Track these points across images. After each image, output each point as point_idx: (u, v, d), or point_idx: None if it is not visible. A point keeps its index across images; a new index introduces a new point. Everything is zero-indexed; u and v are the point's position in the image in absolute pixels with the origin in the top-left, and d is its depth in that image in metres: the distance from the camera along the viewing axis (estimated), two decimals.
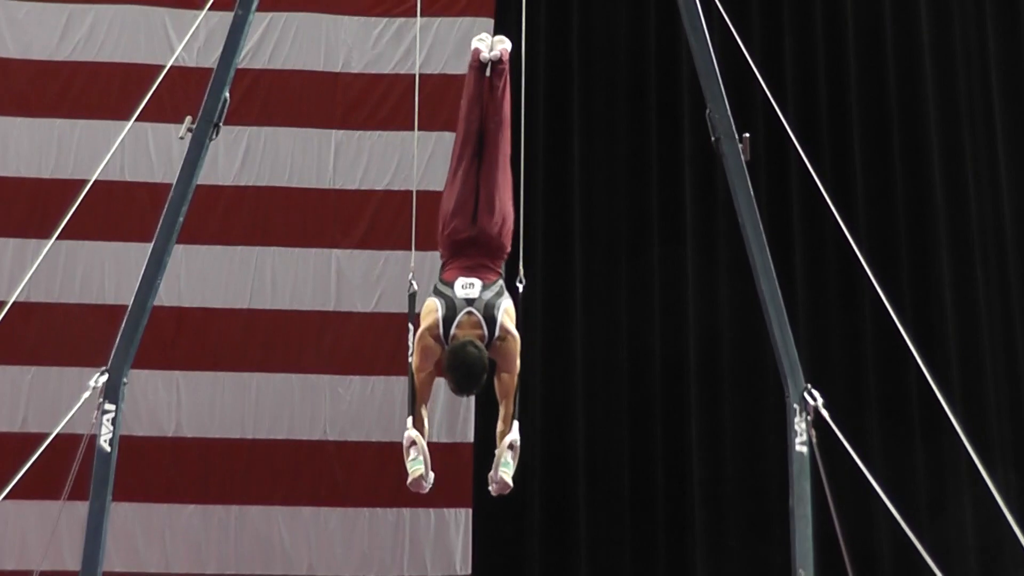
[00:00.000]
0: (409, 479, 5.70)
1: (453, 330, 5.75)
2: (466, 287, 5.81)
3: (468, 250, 5.95)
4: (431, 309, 5.83)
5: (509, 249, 6.06)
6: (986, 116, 10.06)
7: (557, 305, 9.62)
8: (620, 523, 9.43)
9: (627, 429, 9.56)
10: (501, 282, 5.95)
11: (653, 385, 9.62)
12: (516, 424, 5.79)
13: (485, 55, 6.05)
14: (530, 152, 8.63)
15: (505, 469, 5.73)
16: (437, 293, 5.86)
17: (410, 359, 5.85)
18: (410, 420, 5.77)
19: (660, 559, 9.41)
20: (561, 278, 9.70)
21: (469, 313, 5.76)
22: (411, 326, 5.94)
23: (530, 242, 8.37)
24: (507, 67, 6.13)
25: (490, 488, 5.83)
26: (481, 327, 5.75)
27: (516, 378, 5.83)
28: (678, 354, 9.62)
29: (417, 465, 5.67)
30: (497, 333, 5.77)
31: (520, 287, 6.21)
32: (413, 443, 5.70)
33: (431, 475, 5.74)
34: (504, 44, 6.13)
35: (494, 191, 6.03)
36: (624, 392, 9.61)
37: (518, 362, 5.85)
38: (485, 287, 5.83)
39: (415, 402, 5.84)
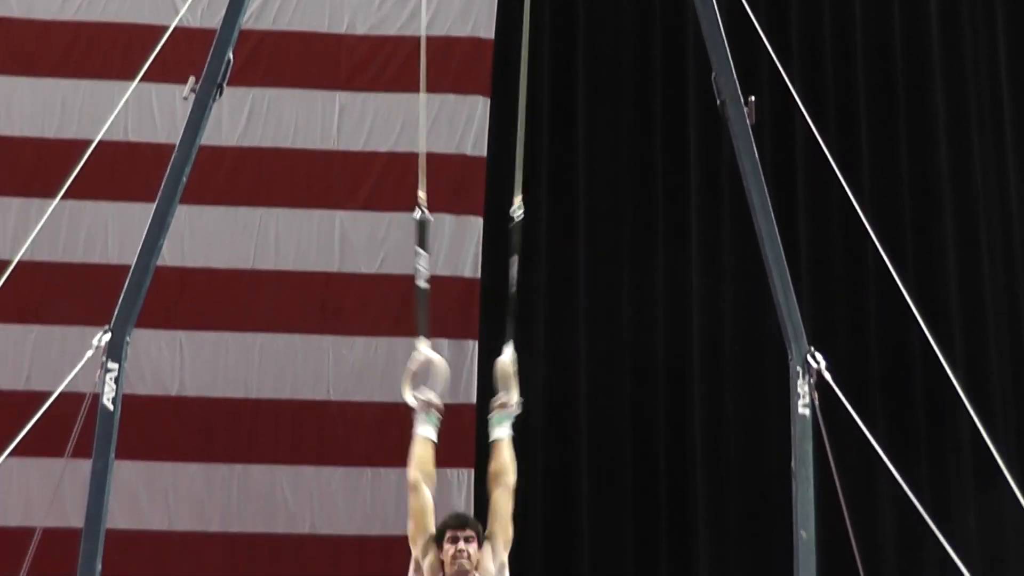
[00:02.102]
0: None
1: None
2: None
3: None
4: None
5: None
6: (992, 81, 10.04)
7: (561, 266, 9.62)
8: (621, 482, 9.45)
9: (629, 393, 9.58)
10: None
11: (656, 351, 9.62)
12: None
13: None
14: (534, 112, 8.63)
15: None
16: None
17: (423, 284, 6.03)
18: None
19: (661, 515, 9.45)
20: (565, 240, 9.69)
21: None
22: (418, 249, 6.02)
23: (533, 204, 8.31)
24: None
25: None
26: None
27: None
28: (682, 318, 9.62)
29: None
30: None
31: (518, 216, 6.21)
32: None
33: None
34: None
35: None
36: (627, 356, 9.60)
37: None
38: None
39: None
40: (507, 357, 6.04)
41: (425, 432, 6.01)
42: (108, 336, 6.04)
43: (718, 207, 9.74)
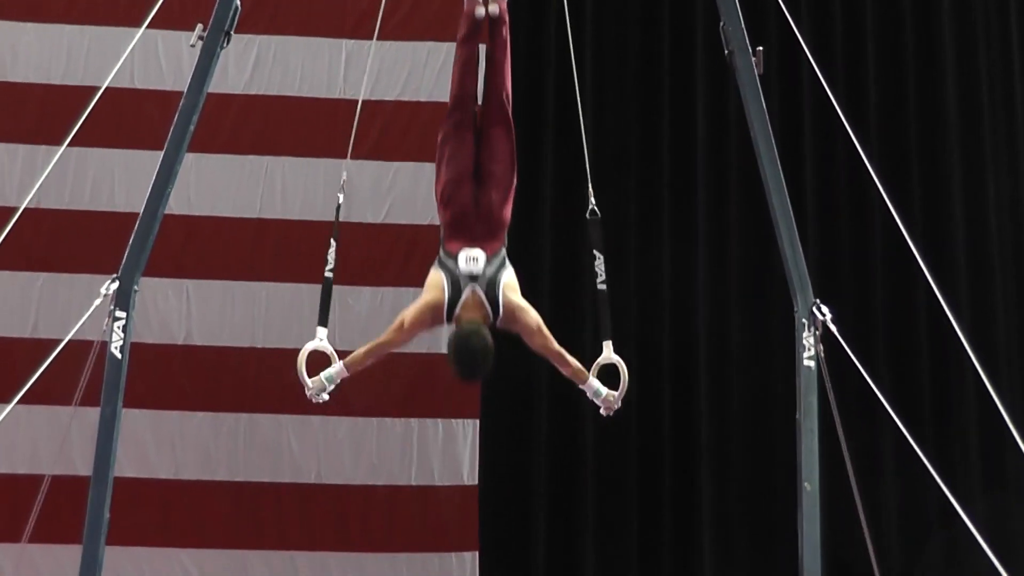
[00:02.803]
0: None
1: (457, 310, 5.70)
2: (470, 261, 5.71)
3: (470, 221, 5.84)
4: (436, 285, 5.75)
5: (509, 219, 5.97)
6: (1003, 31, 9.98)
7: (568, 223, 9.59)
8: (626, 429, 9.44)
9: (635, 344, 9.54)
10: (504, 251, 5.89)
11: (663, 301, 9.62)
12: (608, 344, 6.12)
13: (481, 11, 5.93)
14: (540, 66, 8.59)
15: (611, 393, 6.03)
16: (441, 266, 5.78)
17: (328, 272, 6.34)
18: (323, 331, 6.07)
19: (665, 465, 9.49)
20: (571, 198, 9.64)
21: (473, 291, 5.68)
22: (332, 242, 6.37)
23: (537, 159, 8.32)
24: (507, 21, 6.03)
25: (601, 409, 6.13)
26: (484, 307, 5.69)
27: (549, 338, 5.87)
28: (689, 269, 9.62)
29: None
30: (502, 313, 5.70)
31: (591, 206, 6.29)
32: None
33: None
34: None
35: (496, 155, 5.96)
36: (634, 308, 9.59)
37: (536, 323, 5.81)
38: (489, 260, 5.73)
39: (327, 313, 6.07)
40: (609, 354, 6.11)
41: None
42: (116, 285, 6.07)
43: (725, 159, 9.71)
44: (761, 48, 6.27)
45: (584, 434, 9.46)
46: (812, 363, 6.15)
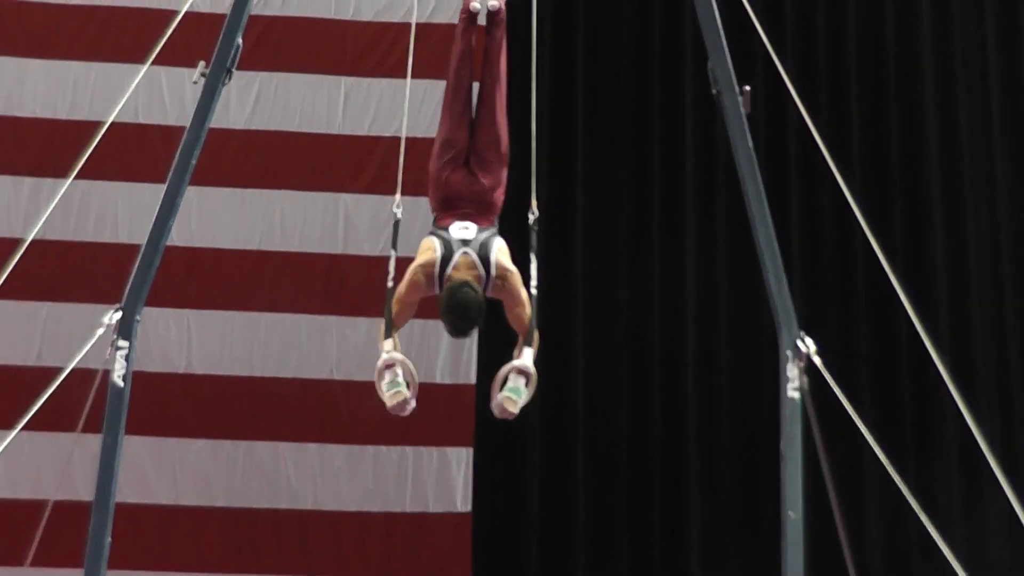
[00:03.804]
0: (389, 404, 5.57)
1: (449, 271, 5.69)
2: (462, 230, 5.76)
3: (462, 203, 5.89)
4: (428, 248, 5.77)
5: (501, 205, 6.02)
6: (981, 73, 10.03)
7: (560, 253, 9.62)
8: (617, 461, 9.48)
9: (626, 376, 9.59)
10: (495, 229, 5.92)
11: (652, 336, 9.64)
12: (529, 351, 5.63)
13: (476, 5, 5.97)
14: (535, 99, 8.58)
15: (511, 394, 5.56)
16: (434, 233, 5.83)
17: (389, 283, 5.74)
18: (389, 343, 5.61)
19: (655, 494, 9.48)
20: (564, 228, 9.69)
21: (465, 254, 5.70)
22: (392, 251, 5.87)
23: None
24: (504, 15, 6.06)
25: (493, 410, 5.66)
26: (477, 267, 5.69)
27: (528, 308, 5.71)
28: (677, 304, 9.64)
29: (397, 388, 5.54)
30: (494, 273, 5.70)
31: (533, 218, 6.05)
32: (389, 365, 5.54)
33: (413, 400, 5.60)
34: None
35: (489, 149, 5.99)
36: (624, 341, 9.62)
37: (523, 292, 5.73)
38: (481, 230, 5.79)
39: (391, 327, 5.67)
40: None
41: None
42: (119, 315, 6.09)
43: (713, 195, 9.74)
44: (748, 88, 6.30)
45: (576, 463, 9.46)
46: (796, 394, 6.17)
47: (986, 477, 6.56)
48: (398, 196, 6.18)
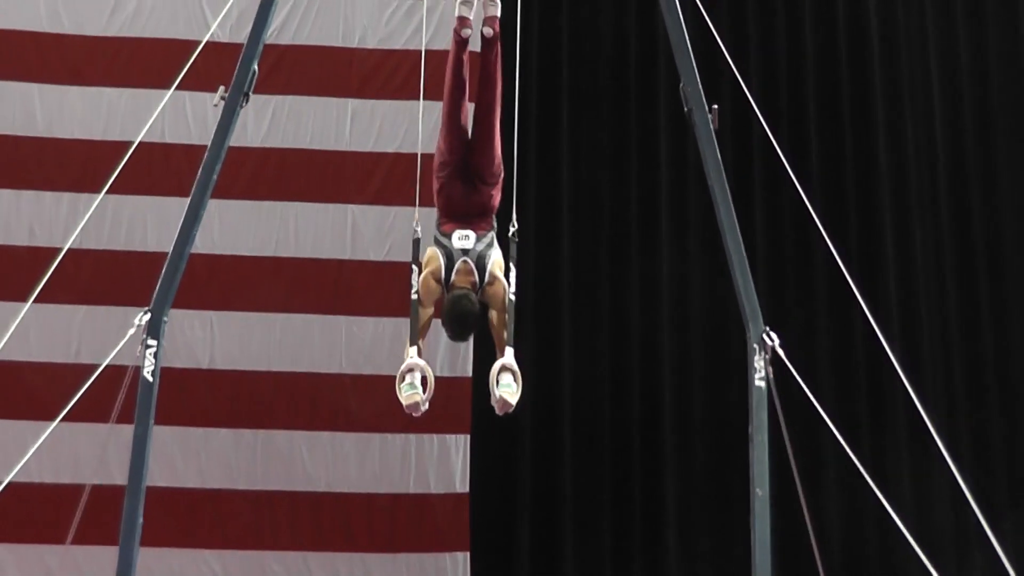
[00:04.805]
0: (405, 404, 5.67)
1: (452, 277, 5.82)
2: (462, 239, 5.88)
3: (462, 211, 5.96)
4: (433, 257, 5.90)
5: (498, 204, 6.07)
6: (925, 94, 10.05)
7: (547, 257, 9.63)
8: (600, 445, 9.49)
9: (608, 369, 9.60)
10: (493, 234, 5.99)
11: (632, 332, 9.64)
12: (509, 351, 5.75)
13: (468, 31, 5.96)
14: (521, 124, 8.56)
15: (507, 389, 5.66)
16: (437, 243, 5.92)
17: (413, 295, 5.85)
18: (414, 350, 5.75)
19: (635, 474, 9.48)
20: (551, 235, 9.70)
21: (464, 262, 5.83)
22: (414, 267, 5.95)
23: (522, 205, 8.32)
24: (498, 39, 6.05)
25: (494, 407, 5.73)
26: (473, 274, 5.83)
27: (505, 315, 5.82)
28: (654, 303, 9.64)
29: (413, 390, 5.64)
30: (486, 279, 5.84)
31: (513, 230, 6.13)
32: (410, 370, 5.68)
33: (427, 402, 5.69)
34: (494, 9, 6.01)
35: (486, 162, 6.02)
36: (606, 337, 9.63)
37: (505, 300, 5.84)
38: (479, 239, 5.88)
39: (416, 335, 5.82)
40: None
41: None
42: (148, 316, 6.09)
43: (685, 203, 9.75)
44: (716, 107, 6.31)
45: (563, 448, 9.47)
46: (763, 383, 6.18)
47: (932, 453, 6.59)
48: (416, 214, 6.23)
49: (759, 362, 6.21)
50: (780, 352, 6.20)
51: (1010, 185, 9.92)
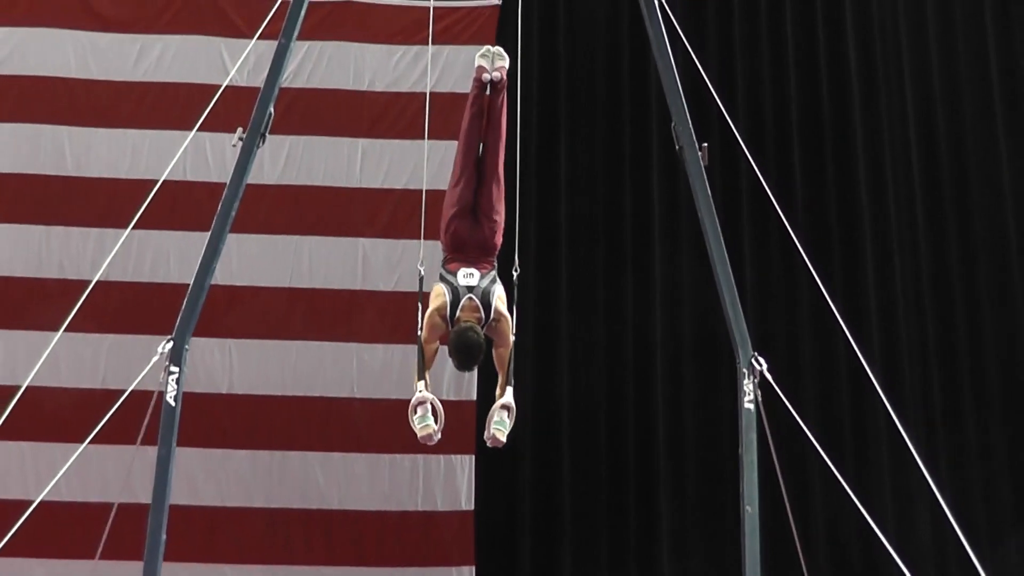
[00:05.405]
0: (420, 435, 5.77)
1: (457, 313, 5.83)
2: (467, 276, 5.90)
3: (467, 248, 5.99)
4: (439, 294, 5.91)
5: (500, 245, 6.10)
6: (902, 129, 10.07)
7: (546, 287, 9.64)
8: (597, 465, 9.48)
9: (604, 393, 9.59)
10: (495, 272, 6.01)
11: (627, 358, 9.63)
12: (509, 390, 5.84)
13: (487, 76, 6.02)
14: (523, 161, 8.60)
15: (499, 427, 5.79)
16: (443, 280, 5.93)
17: (419, 333, 5.92)
18: (422, 384, 5.83)
19: (631, 493, 9.45)
20: (550, 266, 9.71)
21: (470, 299, 5.85)
22: (420, 304, 5.99)
23: (523, 237, 8.36)
24: (505, 85, 6.11)
25: (486, 441, 5.87)
26: (479, 311, 5.84)
27: (509, 352, 5.89)
28: (647, 330, 9.64)
29: (426, 422, 5.73)
30: (492, 316, 5.86)
31: (516, 274, 6.23)
32: (421, 403, 5.75)
33: (439, 432, 5.79)
34: (503, 61, 6.08)
35: (491, 199, 6.06)
36: (602, 363, 9.62)
37: (511, 338, 5.91)
38: (483, 276, 5.91)
39: (423, 369, 5.88)
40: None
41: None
42: (171, 344, 6.09)
43: (677, 235, 9.75)
44: (706, 144, 6.33)
45: (562, 468, 9.45)
46: (751, 406, 6.18)
47: (911, 469, 6.57)
48: (421, 253, 6.26)
49: (748, 385, 6.21)
50: (768, 376, 6.21)
51: (983, 212, 9.93)
